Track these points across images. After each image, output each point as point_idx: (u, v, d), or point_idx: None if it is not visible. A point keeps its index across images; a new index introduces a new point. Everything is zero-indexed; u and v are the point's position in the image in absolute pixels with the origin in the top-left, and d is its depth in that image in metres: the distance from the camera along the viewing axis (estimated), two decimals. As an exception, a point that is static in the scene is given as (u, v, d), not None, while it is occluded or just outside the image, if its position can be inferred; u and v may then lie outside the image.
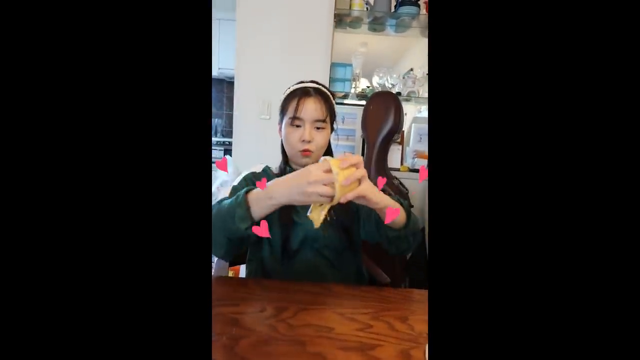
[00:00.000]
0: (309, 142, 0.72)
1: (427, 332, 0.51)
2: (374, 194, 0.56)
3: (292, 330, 0.50)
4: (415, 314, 0.57)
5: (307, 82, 0.78)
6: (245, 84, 1.58)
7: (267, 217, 0.74)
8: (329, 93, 0.77)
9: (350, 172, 0.52)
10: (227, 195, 0.70)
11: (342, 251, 0.76)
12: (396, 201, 0.63)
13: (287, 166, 0.80)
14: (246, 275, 0.80)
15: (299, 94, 0.73)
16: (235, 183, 0.76)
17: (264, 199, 0.56)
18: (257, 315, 0.53)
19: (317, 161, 0.78)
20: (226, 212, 0.58)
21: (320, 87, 0.77)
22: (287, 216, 0.73)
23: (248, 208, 0.57)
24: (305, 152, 0.73)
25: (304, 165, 0.77)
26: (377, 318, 0.54)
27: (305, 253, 0.74)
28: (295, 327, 0.51)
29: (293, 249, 0.73)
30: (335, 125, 0.79)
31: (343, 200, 0.53)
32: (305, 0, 1.53)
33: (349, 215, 0.76)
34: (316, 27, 1.54)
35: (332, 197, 0.52)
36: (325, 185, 0.52)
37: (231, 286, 0.65)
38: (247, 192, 0.58)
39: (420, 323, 0.54)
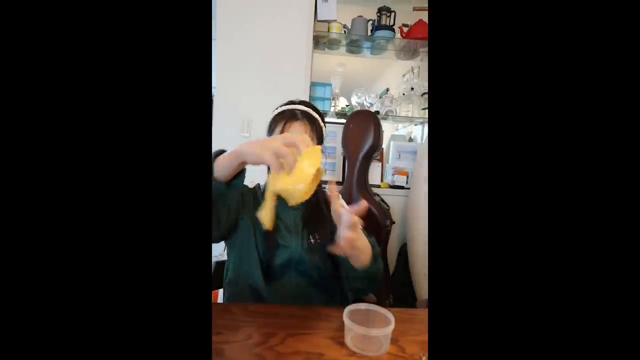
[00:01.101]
0: None
1: (420, 354, 0.50)
2: (361, 242, 0.56)
3: (281, 359, 0.47)
4: (405, 334, 0.56)
5: (297, 102, 0.76)
6: (224, 102, 1.57)
7: (254, 238, 0.72)
8: (316, 116, 0.75)
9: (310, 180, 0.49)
10: None
11: (327, 273, 0.75)
12: (370, 243, 0.63)
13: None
14: (228, 297, 0.77)
15: (286, 117, 0.72)
16: None
17: (232, 159, 0.54)
18: (244, 344, 0.51)
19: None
20: None
21: (308, 109, 0.75)
22: (272, 239, 0.71)
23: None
24: None
25: None
26: (367, 340, 0.53)
27: (290, 275, 0.72)
28: (284, 354, 0.48)
29: (277, 271, 0.71)
30: (323, 147, 0.78)
31: (343, 243, 0.50)
32: (284, 21, 1.56)
33: (332, 238, 0.75)
34: (296, 48, 1.57)
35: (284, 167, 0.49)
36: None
37: (214, 312, 0.62)
38: (216, 155, 0.57)
39: (411, 344, 0.53)
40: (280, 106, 0.77)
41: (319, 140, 0.76)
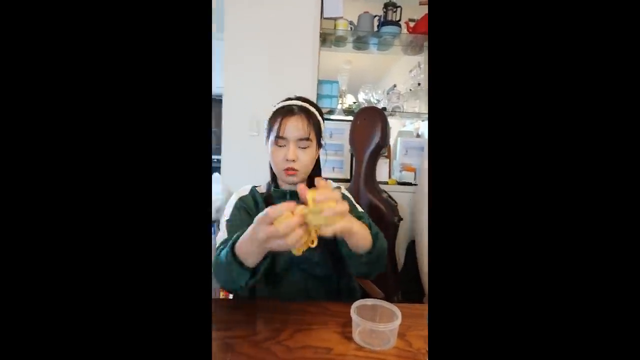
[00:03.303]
0: (293, 161, 0.71)
1: (427, 348, 0.51)
2: (356, 227, 0.55)
3: (289, 353, 0.49)
4: (412, 329, 0.57)
5: (293, 98, 0.77)
6: (233, 101, 1.59)
7: None
8: (313, 110, 0.76)
9: (327, 205, 0.46)
10: (224, 229, 0.69)
11: (330, 269, 0.75)
12: (367, 226, 0.62)
13: (272, 185, 0.79)
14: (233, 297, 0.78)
15: (282, 113, 0.73)
16: (227, 216, 0.73)
17: (253, 247, 0.51)
18: (253, 339, 0.52)
19: (303, 180, 0.78)
20: (225, 271, 0.56)
21: (304, 104, 0.75)
22: None
23: (241, 263, 0.54)
24: (289, 172, 0.72)
25: (290, 184, 0.77)
26: (374, 336, 0.54)
27: (294, 274, 0.73)
28: (292, 349, 0.50)
29: (280, 274, 0.73)
30: (323, 141, 0.78)
31: (325, 233, 0.48)
32: (291, 20, 1.56)
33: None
34: (302, 46, 1.58)
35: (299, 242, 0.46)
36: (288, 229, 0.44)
37: (224, 309, 0.63)
38: (233, 244, 0.55)
39: (417, 339, 0.54)
40: (278, 103, 0.78)
41: (317, 133, 0.75)
